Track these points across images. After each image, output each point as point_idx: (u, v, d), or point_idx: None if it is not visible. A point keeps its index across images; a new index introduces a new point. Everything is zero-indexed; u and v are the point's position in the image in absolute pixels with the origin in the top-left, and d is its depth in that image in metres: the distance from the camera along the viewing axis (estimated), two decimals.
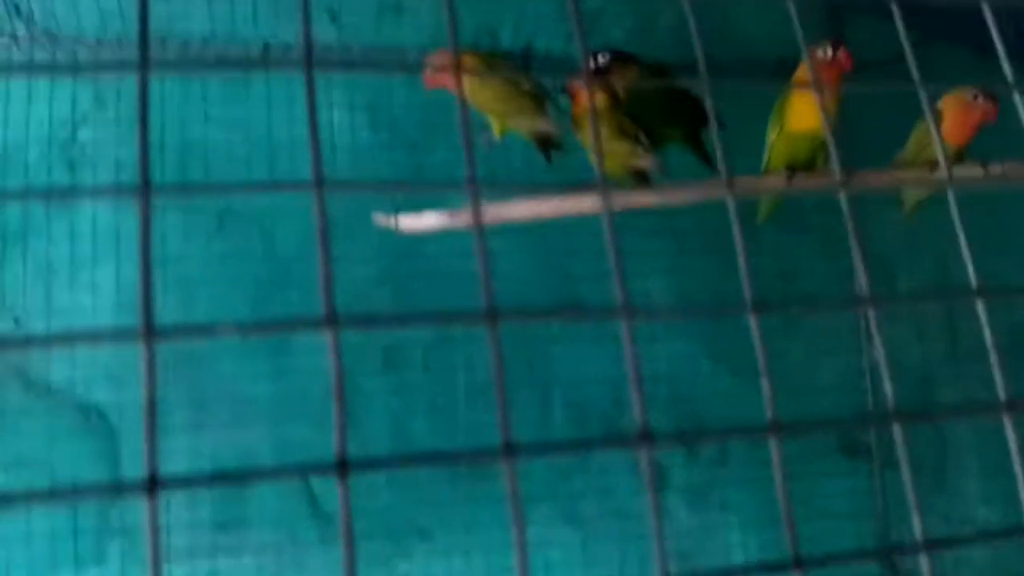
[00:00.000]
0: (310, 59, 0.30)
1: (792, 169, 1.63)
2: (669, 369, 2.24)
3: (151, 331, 0.27)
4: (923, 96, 0.43)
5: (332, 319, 0.29)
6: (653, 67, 1.76)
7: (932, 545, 0.34)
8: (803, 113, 1.60)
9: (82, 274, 2.00)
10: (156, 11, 2.03)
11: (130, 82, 2.08)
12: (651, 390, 2.24)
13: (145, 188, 0.28)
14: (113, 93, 2.09)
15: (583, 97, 1.68)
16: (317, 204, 0.30)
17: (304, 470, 0.30)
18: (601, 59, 1.72)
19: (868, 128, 1.90)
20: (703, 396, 2.26)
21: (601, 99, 1.69)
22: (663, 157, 1.71)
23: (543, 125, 1.76)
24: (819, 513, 2.20)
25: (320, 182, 0.30)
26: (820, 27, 2.36)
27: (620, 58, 1.74)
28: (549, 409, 2.20)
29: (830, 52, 1.57)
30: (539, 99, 1.74)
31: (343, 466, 0.28)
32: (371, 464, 0.29)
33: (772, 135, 1.70)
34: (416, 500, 2.06)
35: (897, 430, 0.35)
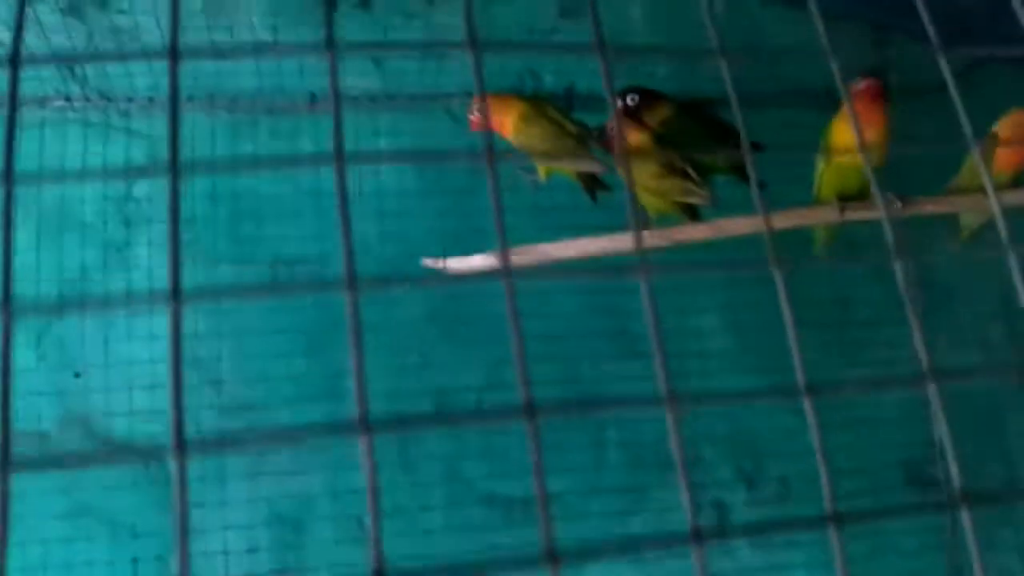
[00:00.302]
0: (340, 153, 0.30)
1: (843, 199, 1.61)
2: (726, 406, 2.19)
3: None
4: (966, 127, 0.42)
5: (366, 425, 0.29)
6: (685, 102, 1.76)
7: None
8: (845, 144, 1.59)
9: (139, 326, 2.04)
10: (206, 69, 2.10)
11: (192, 133, 2.14)
12: (708, 427, 2.19)
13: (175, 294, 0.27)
14: (168, 149, 2.15)
15: (628, 136, 1.68)
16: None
17: None
18: (630, 101, 1.72)
19: (923, 154, 1.86)
20: (762, 432, 2.21)
21: (643, 139, 1.69)
22: (714, 189, 1.70)
23: (589, 166, 1.76)
24: (888, 549, 2.12)
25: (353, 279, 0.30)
26: (867, 55, 2.33)
27: (649, 96, 1.74)
28: (603, 449, 2.17)
29: (863, 83, 1.55)
30: (584, 141, 1.74)
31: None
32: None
33: (820, 166, 1.68)
34: (470, 545, 2.03)
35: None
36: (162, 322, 2.06)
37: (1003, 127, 1.64)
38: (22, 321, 1.69)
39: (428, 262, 1.65)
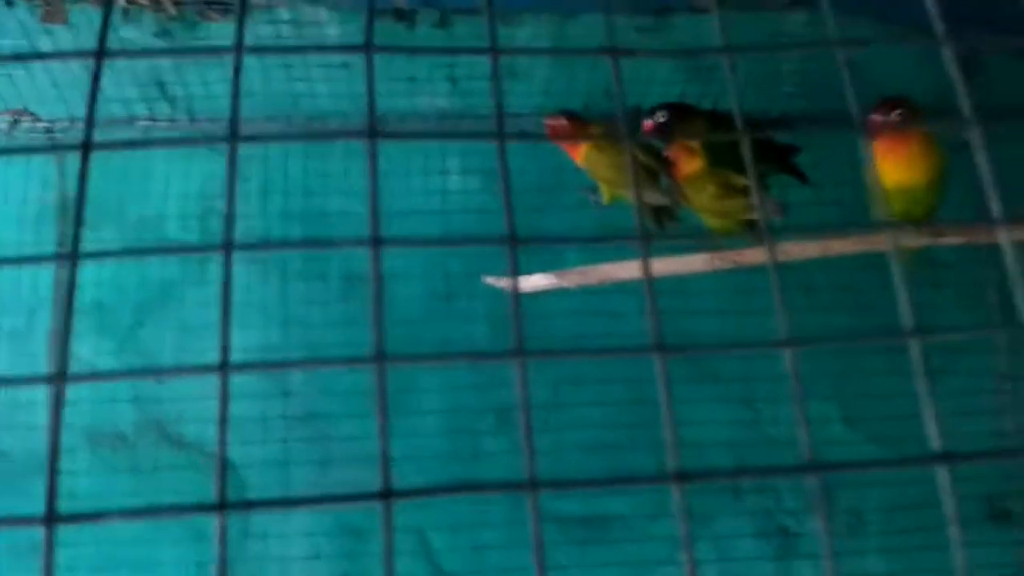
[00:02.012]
0: (373, 130, 0.30)
1: (915, 222, 1.57)
2: (796, 432, 2.14)
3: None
4: None
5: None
6: (717, 115, 1.74)
7: None
8: (884, 170, 1.54)
9: (214, 337, 2.10)
10: (278, 89, 2.16)
11: (265, 154, 2.20)
12: (776, 455, 2.14)
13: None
14: (249, 166, 2.21)
15: (681, 164, 1.67)
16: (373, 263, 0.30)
17: None
18: (661, 117, 1.70)
19: (1016, 176, 1.79)
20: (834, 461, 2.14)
21: (697, 163, 1.67)
22: (777, 199, 1.68)
23: (655, 199, 1.75)
24: None
25: (377, 240, 0.30)
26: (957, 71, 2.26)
27: (680, 111, 1.71)
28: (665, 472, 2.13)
29: (896, 115, 1.50)
30: (653, 171, 1.73)
31: None
32: None
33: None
34: (528, 563, 2.02)
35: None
36: (235, 335, 2.11)
37: None
38: (108, 327, 1.76)
39: (490, 280, 1.66)
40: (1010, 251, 0.41)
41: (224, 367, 0.32)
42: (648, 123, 1.69)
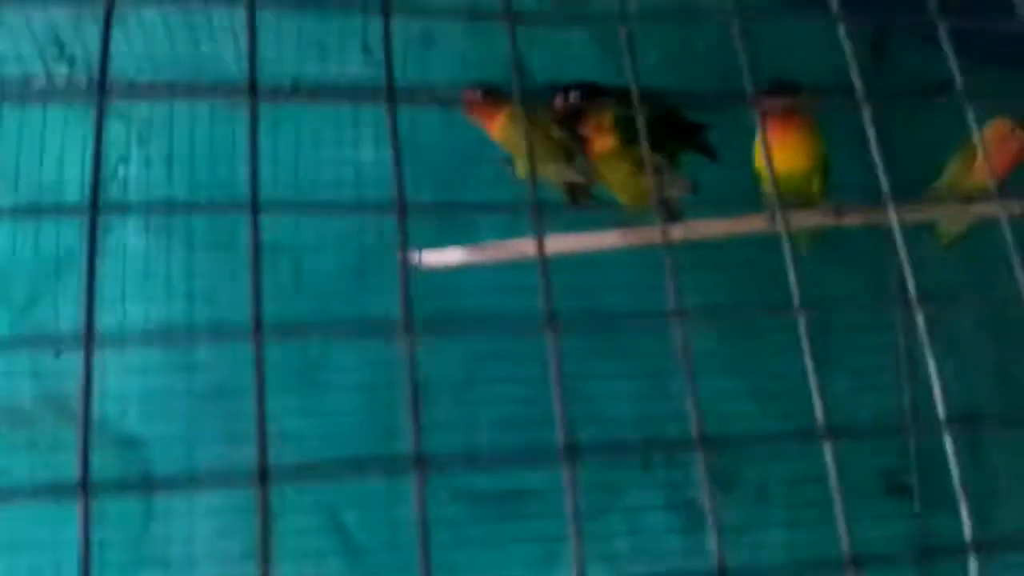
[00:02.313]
0: (254, 88, 0.29)
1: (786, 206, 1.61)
2: (704, 407, 2.19)
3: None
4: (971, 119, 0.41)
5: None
6: (627, 94, 1.75)
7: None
8: (771, 152, 1.59)
9: (115, 310, 2.02)
10: (185, 53, 2.08)
11: (172, 120, 2.12)
12: (685, 429, 2.18)
13: None
14: (154, 131, 2.12)
15: (594, 142, 1.68)
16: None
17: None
18: (572, 96, 1.70)
19: (908, 156, 1.87)
20: (743, 437, 2.20)
21: (610, 141, 1.68)
22: (693, 177, 1.71)
23: (571, 175, 1.75)
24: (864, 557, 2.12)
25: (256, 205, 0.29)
26: (864, 53, 2.32)
27: (593, 91, 1.72)
28: (579, 449, 2.16)
29: (779, 98, 1.55)
30: (569, 148, 1.73)
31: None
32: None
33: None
34: (443, 540, 2.03)
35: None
36: (135, 308, 2.03)
37: (985, 135, 1.65)
38: (2, 299, 1.66)
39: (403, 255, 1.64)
40: (898, 229, 0.42)
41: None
42: (559, 101, 1.70)
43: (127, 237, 2.08)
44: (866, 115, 0.42)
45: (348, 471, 0.31)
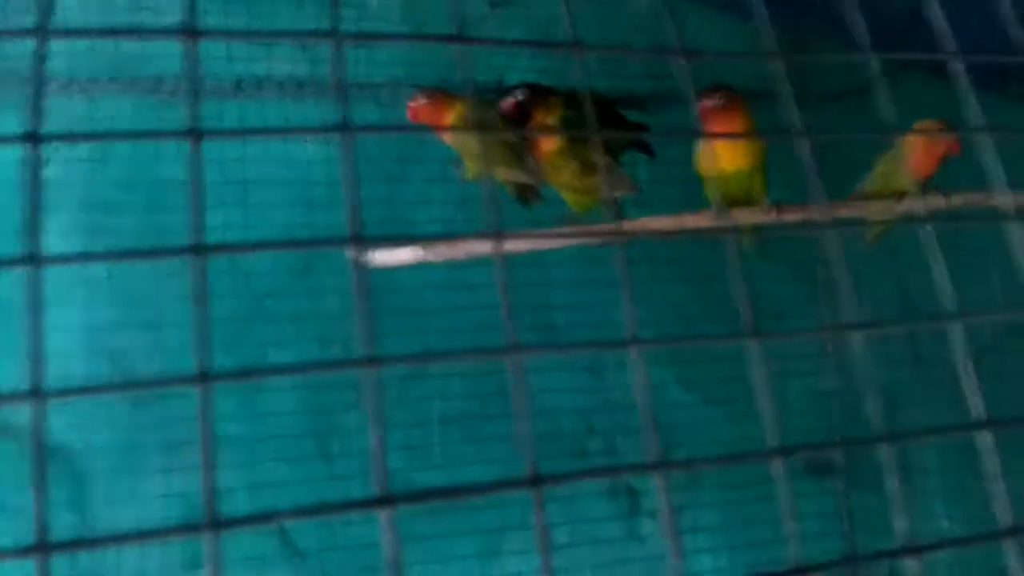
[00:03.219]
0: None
1: (732, 204, 1.67)
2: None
3: None
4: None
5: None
6: (574, 95, 1.80)
7: (896, 554, 0.34)
8: (707, 156, 1.65)
9: (48, 316, 1.96)
10: (127, 49, 2.03)
11: (101, 119, 2.07)
12: (624, 419, 2.24)
13: None
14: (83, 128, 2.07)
15: (541, 143, 1.71)
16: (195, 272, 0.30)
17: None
18: (520, 95, 1.74)
19: (836, 158, 1.93)
20: (675, 424, 2.26)
21: (556, 142, 1.71)
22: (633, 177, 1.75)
23: (520, 177, 1.78)
24: (787, 535, 2.20)
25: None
26: (788, 59, 2.39)
27: (539, 92, 1.76)
28: (515, 441, 2.19)
29: (719, 99, 1.60)
30: (518, 150, 1.75)
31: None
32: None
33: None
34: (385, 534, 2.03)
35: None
36: (69, 314, 1.97)
37: (911, 137, 1.72)
38: None
39: (351, 253, 1.64)
40: (833, 236, 0.45)
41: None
42: (507, 102, 1.72)
43: (53, 241, 2.02)
44: (792, 119, 0.45)
45: (309, 514, 0.33)
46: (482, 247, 1.56)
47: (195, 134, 0.33)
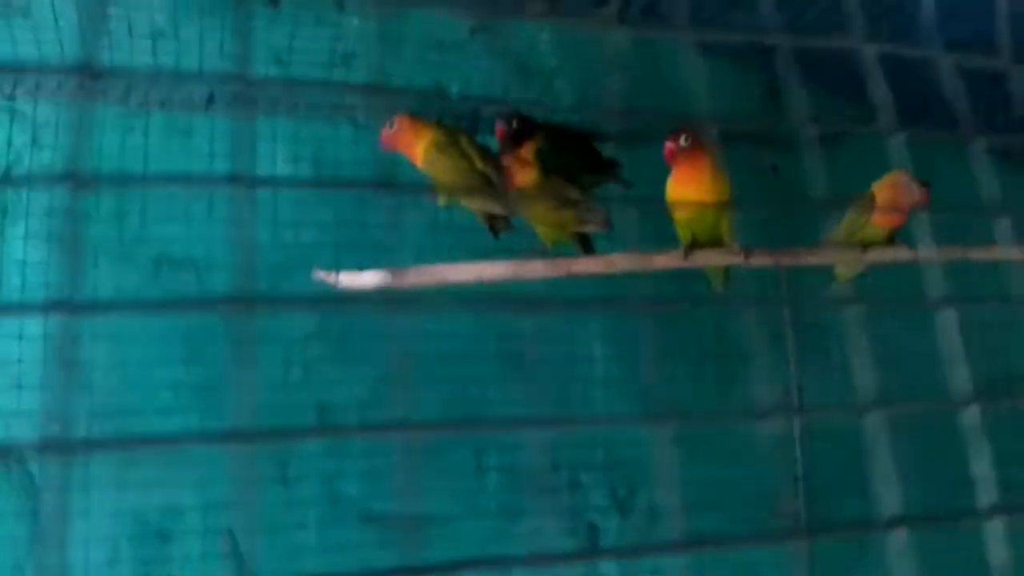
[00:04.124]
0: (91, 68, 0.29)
1: (698, 244, 1.68)
2: (605, 433, 2.24)
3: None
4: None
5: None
6: (557, 128, 1.82)
7: None
8: (674, 196, 1.67)
9: (9, 323, 1.92)
10: (102, 56, 2.01)
11: (68, 121, 2.03)
12: (587, 455, 2.23)
13: None
14: (50, 133, 2.04)
15: (516, 174, 1.72)
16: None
17: None
18: (514, 123, 1.75)
19: (805, 206, 1.96)
20: (639, 461, 2.25)
21: (532, 174, 1.72)
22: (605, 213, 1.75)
23: (491, 207, 1.78)
24: None
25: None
26: (760, 101, 2.42)
27: (529, 125, 1.77)
28: (484, 473, 2.17)
29: (685, 140, 1.62)
30: (490, 180, 1.75)
31: None
32: None
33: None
34: (350, 565, 1.99)
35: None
36: (32, 323, 1.94)
37: (881, 187, 1.75)
38: None
39: (320, 275, 1.62)
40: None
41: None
42: (501, 128, 1.74)
43: (19, 246, 1.99)
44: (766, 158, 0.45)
45: None
46: (450, 273, 1.55)
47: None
